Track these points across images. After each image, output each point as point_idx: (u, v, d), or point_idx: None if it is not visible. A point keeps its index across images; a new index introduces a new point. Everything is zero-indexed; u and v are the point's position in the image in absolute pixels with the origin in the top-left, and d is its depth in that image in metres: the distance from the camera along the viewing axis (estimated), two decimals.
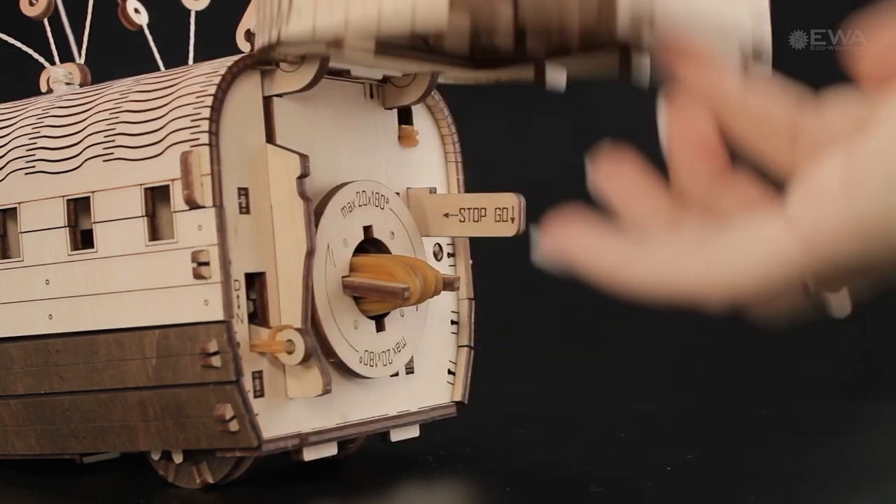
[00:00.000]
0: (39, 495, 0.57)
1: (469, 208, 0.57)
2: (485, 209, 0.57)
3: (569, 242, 0.37)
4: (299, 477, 0.56)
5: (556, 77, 0.56)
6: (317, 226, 0.52)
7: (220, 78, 0.50)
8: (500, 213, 0.56)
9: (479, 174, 0.64)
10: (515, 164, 1.18)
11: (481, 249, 0.62)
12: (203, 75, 0.51)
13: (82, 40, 0.64)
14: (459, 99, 0.62)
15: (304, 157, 0.51)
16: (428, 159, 0.60)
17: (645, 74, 0.54)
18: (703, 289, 0.35)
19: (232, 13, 0.55)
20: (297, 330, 0.50)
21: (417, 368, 0.58)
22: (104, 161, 0.52)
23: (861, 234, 0.33)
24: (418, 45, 0.55)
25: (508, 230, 0.56)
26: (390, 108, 0.58)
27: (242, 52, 0.53)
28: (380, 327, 0.55)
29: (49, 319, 0.54)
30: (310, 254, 0.51)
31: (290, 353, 0.50)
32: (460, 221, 0.58)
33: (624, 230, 0.37)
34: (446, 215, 0.58)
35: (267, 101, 0.52)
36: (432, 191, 0.59)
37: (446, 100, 0.61)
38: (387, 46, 0.50)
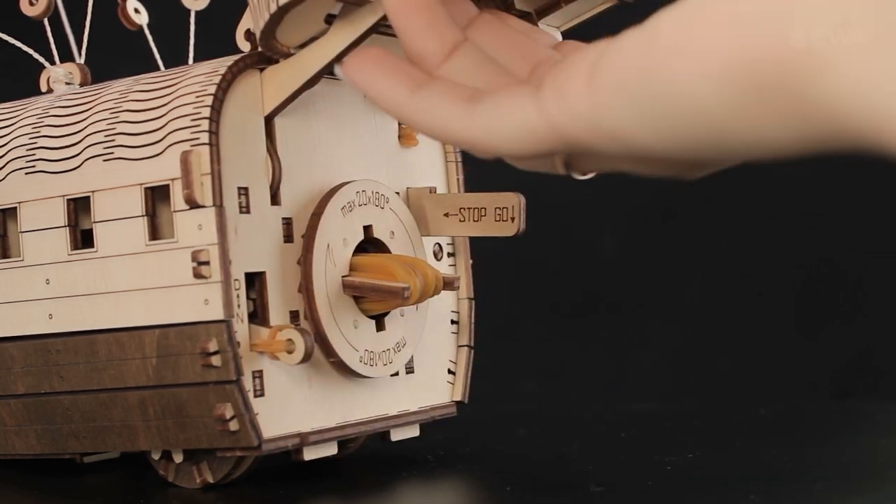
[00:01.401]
0: (39, 495, 0.57)
1: (469, 208, 0.57)
2: (485, 209, 0.57)
3: (367, 68, 0.40)
4: (299, 476, 0.56)
5: (551, 34, 0.56)
6: (317, 226, 0.53)
7: (220, 77, 0.50)
8: (500, 213, 0.56)
9: (478, 174, 0.64)
10: None
11: (481, 249, 0.62)
12: (203, 75, 0.51)
13: (82, 40, 0.64)
14: None
15: None
16: (428, 159, 0.60)
17: None
18: (468, 142, 0.38)
19: (232, 13, 0.55)
20: (298, 329, 0.50)
21: (417, 368, 0.59)
22: (104, 161, 0.53)
23: (599, 135, 0.35)
24: None
25: (508, 230, 0.56)
26: None
27: (242, 52, 0.53)
28: (380, 327, 0.55)
29: (49, 319, 0.54)
30: None
31: (290, 352, 0.50)
32: (460, 221, 0.58)
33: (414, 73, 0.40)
34: (446, 215, 0.58)
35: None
36: (432, 190, 0.59)
37: None
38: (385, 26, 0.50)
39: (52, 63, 0.63)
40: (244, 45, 0.54)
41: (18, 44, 0.65)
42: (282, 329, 0.50)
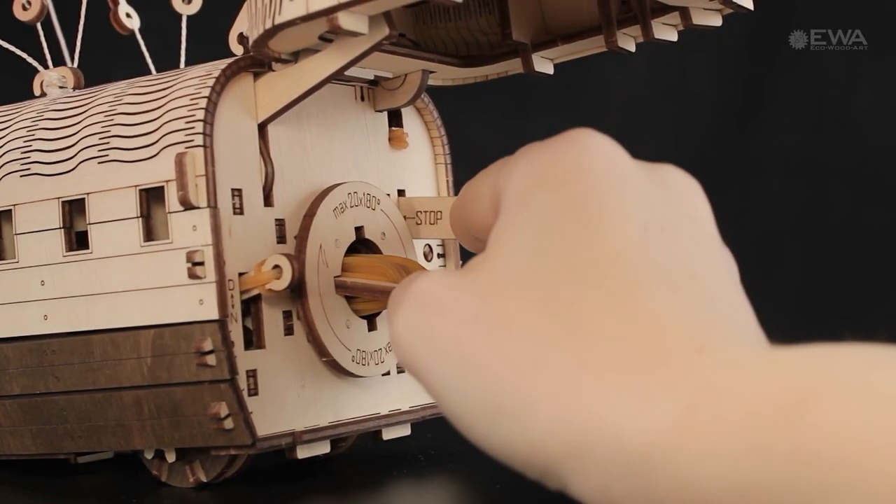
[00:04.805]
0: (33, 495, 0.57)
1: (426, 211, 0.58)
2: (440, 212, 0.58)
3: None
4: (292, 475, 0.56)
5: (544, 65, 0.57)
6: (309, 226, 0.53)
7: (213, 80, 0.51)
8: None
9: (469, 176, 0.65)
10: None
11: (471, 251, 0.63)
12: (197, 78, 0.51)
13: (75, 44, 0.64)
14: (457, 99, 0.63)
15: None
16: (418, 161, 0.61)
17: (630, 44, 0.55)
18: None
19: (223, 17, 0.56)
20: (282, 254, 0.51)
21: None
22: (99, 163, 0.53)
23: None
24: (407, 43, 0.56)
25: None
26: (381, 111, 0.59)
27: (235, 55, 0.53)
28: (371, 327, 0.56)
29: (44, 320, 0.55)
30: None
31: (278, 279, 0.51)
32: (417, 224, 0.59)
33: None
34: (406, 217, 0.59)
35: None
36: (401, 193, 0.60)
37: (444, 98, 0.62)
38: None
39: (46, 67, 0.63)
40: (237, 49, 0.54)
41: (11, 48, 0.65)
42: (265, 261, 0.51)
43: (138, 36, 0.66)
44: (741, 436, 0.28)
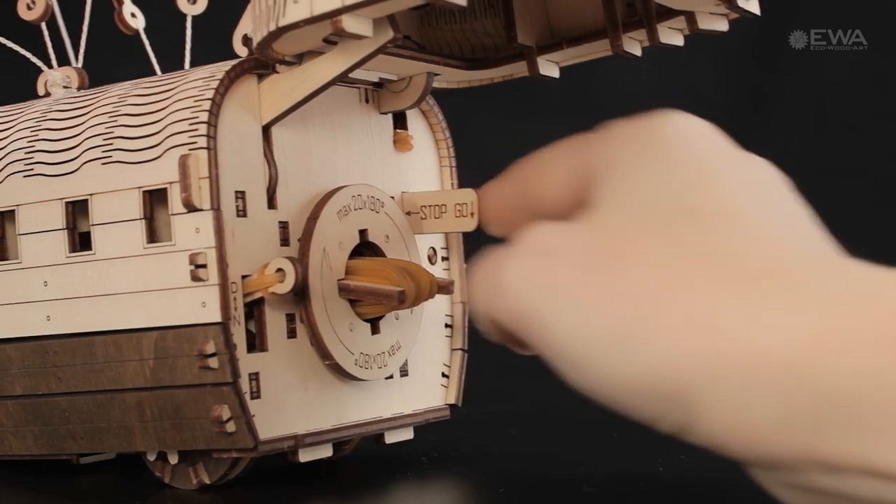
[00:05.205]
0: (36, 495, 0.57)
1: (430, 205, 0.58)
2: (445, 205, 0.58)
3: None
4: (295, 478, 0.56)
5: (549, 68, 0.57)
6: (313, 229, 0.53)
7: (217, 82, 0.51)
8: (459, 209, 0.57)
9: (472, 177, 0.64)
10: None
11: (474, 252, 0.62)
12: (201, 79, 0.51)
13: (80, 44, 0.64)
14: (461, 100, 0.63)
15: None
16: (423, 164, 0.61)
17: (636, 48, 0.55)
18: None
19: (228, 18, 0.55)
20: (286, 258, 0.51)
21: (412, 371, 0.59)
22: (102, 164, 0.53)
23: None
24: (412, 46, 0.56)
25: (468, 225, 0.56)
26: (385, 113, 0.59)
27: (239, 57, 0.53)
28: (375, 330, 0.56)
29: (47, 321, 0.55)
30: None
31: (281, 282, 0.51)
32: (422, 219, 0.58)
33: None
34: (409, 213, 0.58)
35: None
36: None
37: (448, 100, 0.61)
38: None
39: (50, 67, 0.63)
40: (241, 51, 0.54)
41: (16, 47, 0.65)
42: (268, 264, 0.51)
43: (143, 36, 0.65)
44: (878, 349, 0.29)
